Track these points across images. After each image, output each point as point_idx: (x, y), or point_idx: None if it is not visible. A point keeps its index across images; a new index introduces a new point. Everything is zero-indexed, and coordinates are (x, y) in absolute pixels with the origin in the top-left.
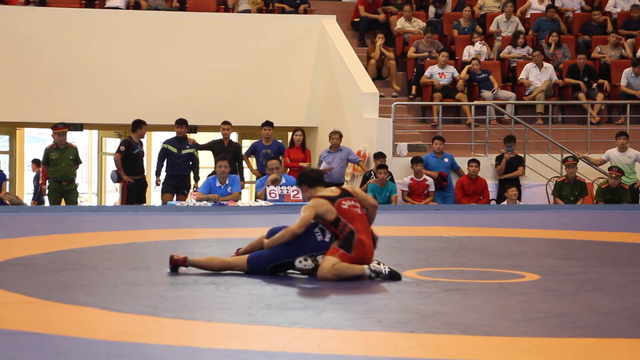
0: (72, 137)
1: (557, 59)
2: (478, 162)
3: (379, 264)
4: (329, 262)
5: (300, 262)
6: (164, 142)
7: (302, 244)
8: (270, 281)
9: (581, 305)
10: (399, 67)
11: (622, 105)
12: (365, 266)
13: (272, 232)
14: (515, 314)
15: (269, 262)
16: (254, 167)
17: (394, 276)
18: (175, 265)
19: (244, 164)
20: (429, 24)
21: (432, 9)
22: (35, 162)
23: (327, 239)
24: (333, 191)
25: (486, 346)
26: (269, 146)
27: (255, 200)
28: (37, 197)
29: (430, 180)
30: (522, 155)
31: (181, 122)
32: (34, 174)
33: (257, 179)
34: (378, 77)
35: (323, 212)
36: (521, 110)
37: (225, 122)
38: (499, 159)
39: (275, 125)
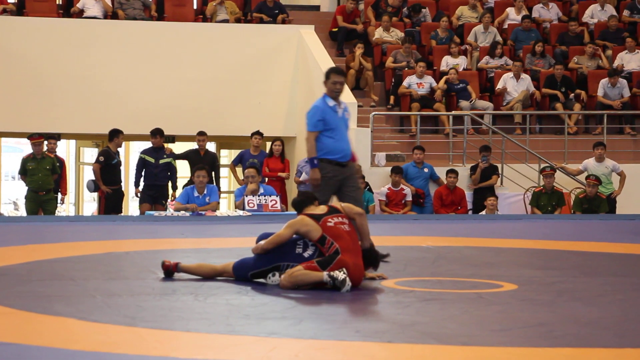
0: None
1: (539, 68)
2: (456, 173)
3: (340, 270)
4: (290, 270)
5: (269, 277)
6: (141, 152)
7: (280, 254)
8: (248, 291)
9: (559, 315)
10: (377, 77)
11: (599, 116)
12: (325, 272)
13: (261, 238)
14: (493, 323)
15: (249, 270)
16: (240, 176)
17: (343, 283)
18: (168, 270)
19: (222, 172)
20: (407, 34)
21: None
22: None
23: (306, 255)
24: (321, 209)
25: (464, 356)
26: (256, 156)
27: (234, 210)
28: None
29: (407, 190)
30: (497, 164)
31: (156, 133)
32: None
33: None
34: (356, 87)
35: (305, 232)
36: (499, 120)
37: (201, 133)
38: (473, 169)
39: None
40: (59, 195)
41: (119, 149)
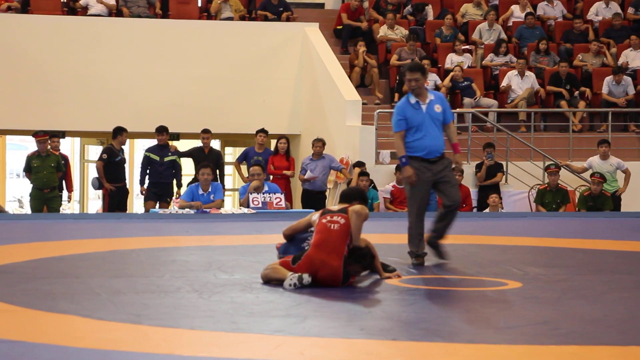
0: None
1: (544, 66)
2: (461, 171)
3: (309, 275)
4: (268, 264)
5: None
6: (146, 150)
7: (289, 249)
8: (253, 289)
9: (564, 312)
10: (381, 75)
11: (603, 113)
12: (289, 273)
13: None
14: (497, 321)
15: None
16: (245, 174)
17: (300, 280)
18: None
19: (227, 170)
20: (411, 32)
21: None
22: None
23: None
24: (336, 207)
25: (469, 354)
26: (261, 153)
27: (239, 208)
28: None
29: None
30: (502, 162)
31: (161, 130)
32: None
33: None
34: (361, 84)
35: (312, 222)
36: (503, 118)
37: (205, 131)
38: (479, 167)
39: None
40: (65, 193)
41: (123, 147)
